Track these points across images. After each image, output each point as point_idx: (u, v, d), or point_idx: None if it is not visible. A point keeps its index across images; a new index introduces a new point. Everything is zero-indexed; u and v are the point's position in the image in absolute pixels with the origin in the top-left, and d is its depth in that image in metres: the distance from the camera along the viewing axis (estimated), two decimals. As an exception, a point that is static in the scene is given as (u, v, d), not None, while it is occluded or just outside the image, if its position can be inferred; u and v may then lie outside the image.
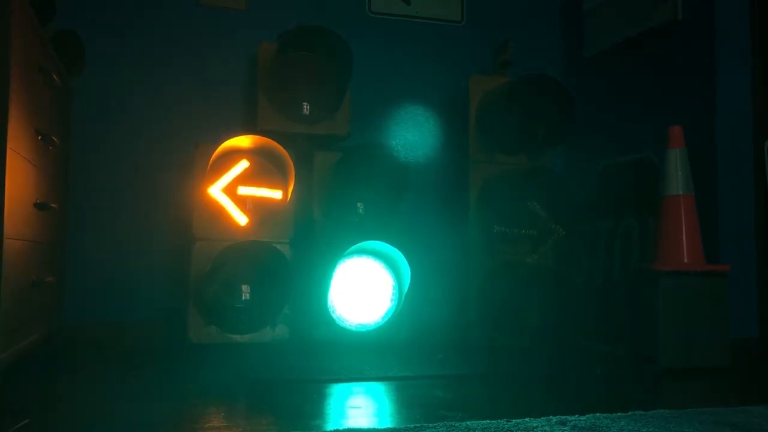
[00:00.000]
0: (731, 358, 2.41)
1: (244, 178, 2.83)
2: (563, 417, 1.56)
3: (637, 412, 1.64)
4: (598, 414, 1.60)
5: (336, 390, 1.99)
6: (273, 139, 2.74)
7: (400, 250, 2.76)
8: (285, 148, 2.76)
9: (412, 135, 3.45)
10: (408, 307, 2.88)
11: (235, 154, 2.83)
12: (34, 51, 2.09)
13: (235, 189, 2.81)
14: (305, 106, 2.92)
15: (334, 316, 2.80)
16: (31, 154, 2.09)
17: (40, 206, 2.20)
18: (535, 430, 1.45)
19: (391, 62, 3.44)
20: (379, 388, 2.04)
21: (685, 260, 2.44)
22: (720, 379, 2.27)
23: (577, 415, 1.58)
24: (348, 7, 3.40)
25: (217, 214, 2.77)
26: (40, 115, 2.19)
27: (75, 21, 2.97)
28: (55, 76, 2.33)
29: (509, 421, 1.52)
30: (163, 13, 3.16)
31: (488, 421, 1.52)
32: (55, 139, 2.35)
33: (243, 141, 2.75)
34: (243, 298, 2.75)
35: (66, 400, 1.85)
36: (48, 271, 2.45)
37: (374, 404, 1.84)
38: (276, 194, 2.85)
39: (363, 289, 2.87)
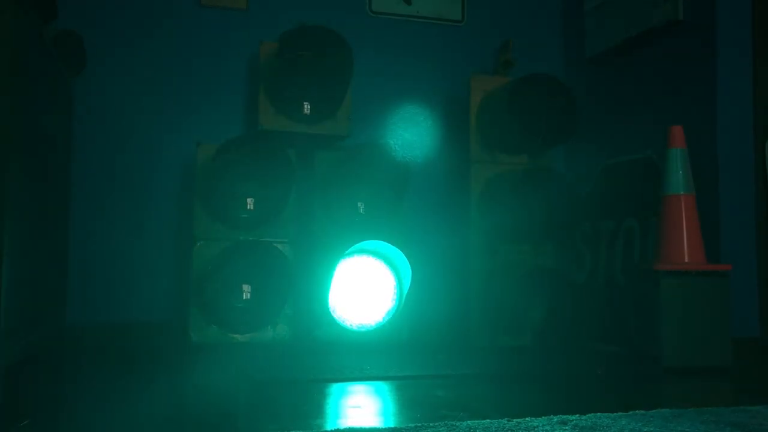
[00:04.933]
0: (732, 358, 2.40)
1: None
2: (564, 416, 1.56)
3: (638, 411, 1.63)
4: (599, 413, 1.60)
5: (337, 389, 1.99)
6: (274, 138, 2.75)
7: (400, 249, 2.76)
8: (286, 147, 2.77)
9: (413, 135, 3.45)
10: (409, 306, 2.88)
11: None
12: (35, 50, 2.09)
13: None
14: (306, 106, 2.92)
15: (334, 316, 2.80)
16: (32, 154, 2.09)
17: (41, 206, 2.20)
18: (536, 429, 1.45)
19: (391, 62, 3.44)
20: (380, 387, 2.04)
21: (686, 260, 2.44)
22: (721, 379, 2.26)
23: (578, 415, 1.58)
24: (349, 7, 3.40)
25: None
26: (40, 115, 2.20)
27: (76, 21, 2.97)
28: (55, 76, 2.33)
29: (510, 421, 1.52)
30: (164, 12, 3.16)
31: (489, 420, 1.52)
32: (56, 138, 2.35)
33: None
34: (244, 297, 2.75)
35: (67, 401, 1.85)
36: (49, 271, 2.45)
37: (375, 404, 1.84)
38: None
39: (364, 290, 2.86)
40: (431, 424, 1.48)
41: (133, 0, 3.13)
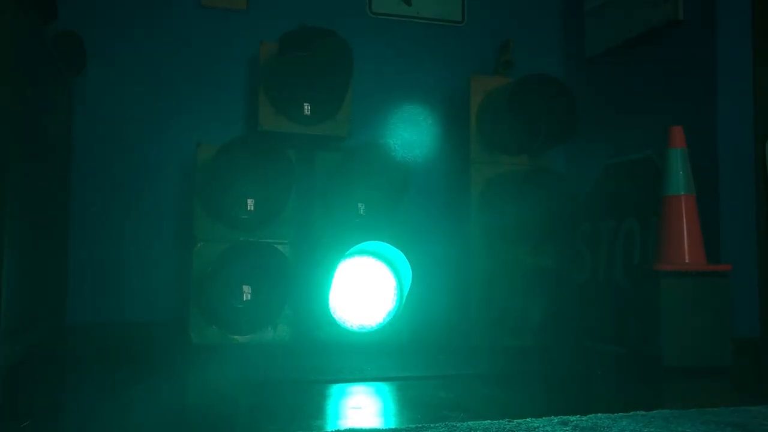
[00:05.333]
0: (733, 358, 2.40)
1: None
2: (565, 417, 1.56)
3: (638, 412, 1.63)
4: (599, 414, 1.60)
5: (337, 390, 1.99)
6: (274, 139, 2.75)
7: (401, 250, 2.76)
8: (286, 148, 2.77)
9: (413, 135, 3.45)
10: (409, 307, 2.88)
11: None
12: (35, 50, 2.09)
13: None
14: (306, 107, 2.92)
15: (335, 317, 2.79)
16: (32, 154, 2.09)
17: (41, 206, 2.20)
18: (536, 430, 1.45)
19: (392, 62, 3.44)
20: (381, 388, 2.04)
21: (687, 260, 2.44)
22: (722, 379, 2.26)
23: (578, 416, 1.57)
24: (349, 8, 3.40)
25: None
26: (40, 115, 2.20)
27: (76, 21, 2.97)
28: (55, 76, 2.33)
29: (511, 421, 1.51)
30: (165, 13, 3.17)
31: (489, 421, 1.52)
32: (56, 138, 2.35)
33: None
34: (244, 298, 2.74)
35: (67, 402, 1.85)
36: (49, 271, 2.45)
37: (376, 404, 1.84)
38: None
39: (364, 291, 2.86)
40: (432, 425, 1.48)
41: (134, 0, 3.13)
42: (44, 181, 2.30)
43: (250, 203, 2.77)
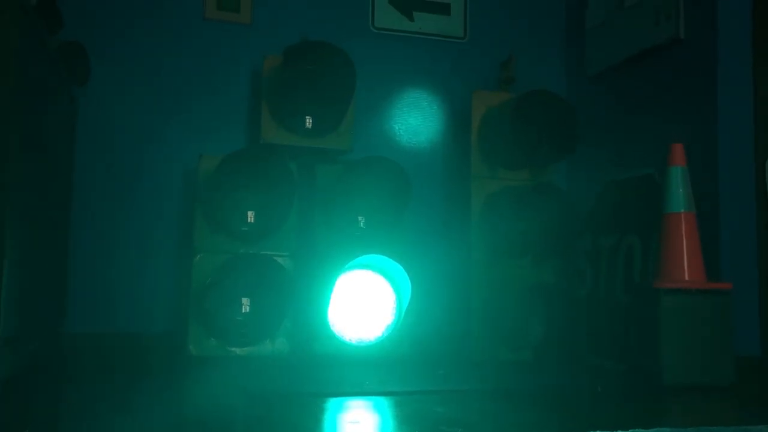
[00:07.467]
0: (734, 377, 2.39)
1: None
2: (564, 434, 1.56)
3: (637, 430, 1.63)
4: (598, 431, 1.59)
5: (335, 404, 1.99)
6: (276, 152, 2.76)
7: (401, 264, 2.76)
8: (287, 160, 2.77)
9: (415, 149, 3.46)
10: (409, 321, 2.87)
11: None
12: (40, 60, 2.11)
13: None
14: (308, 120, 2.93)
15: (333, 330, 2.79)
16: (35, 162, 2.10)
17: (42, 215, 2.21)
18: (535, 447, 1.44)
19: (394, 77, 3.46)
20: (379, 402, 2.03)
21: (687, 278, 2.44)
22: (722, 398, 2.25)
23: (577, 433, 1.57)
24: (351, 23, 3.42)
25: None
26: (44, 124, 2.21)
27: (80, 33, 2.99)
28: (60, 86, 2.35)
29: (509, 438, 1.51)
30: (168, 26, 3.19)
31: (488, 437, 1.51)
32: (58, 147, 2.36)
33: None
34: (243, 310, 2.74)
35: (65, 412, 1.85)
36: (49, 280, 2.45)
37: (374, 419, 1.83)
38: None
39: (363, 304, 2.86)
40: (430, 441, 1.48)
41: (138, 13, 3.15)
42: (46, 190, 2.30)
43: (251, 215, 2.77)
